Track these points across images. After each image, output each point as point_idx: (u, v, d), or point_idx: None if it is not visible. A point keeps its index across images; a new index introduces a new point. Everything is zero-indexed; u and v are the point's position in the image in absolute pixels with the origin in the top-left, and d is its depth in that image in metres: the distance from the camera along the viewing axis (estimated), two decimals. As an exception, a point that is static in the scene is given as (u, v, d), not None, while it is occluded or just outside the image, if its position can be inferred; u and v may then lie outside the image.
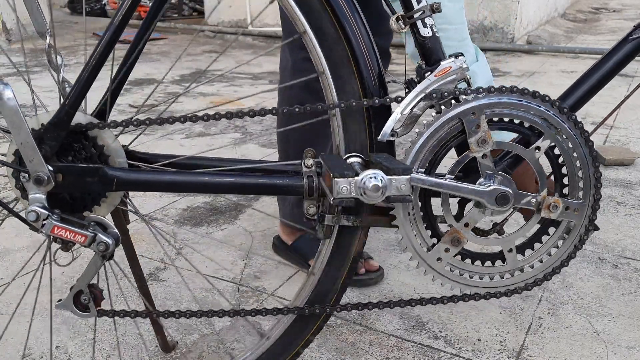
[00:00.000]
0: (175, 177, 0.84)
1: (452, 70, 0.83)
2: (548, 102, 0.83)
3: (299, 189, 0.83)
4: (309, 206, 0.85)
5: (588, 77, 0.89)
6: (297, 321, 0.95)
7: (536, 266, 0.91)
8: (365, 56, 0.83)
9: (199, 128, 2.78)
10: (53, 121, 0.79)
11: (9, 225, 1.77)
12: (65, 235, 0.80)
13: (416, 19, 0.84)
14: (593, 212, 0.88)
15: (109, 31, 0.79)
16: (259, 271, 1.52)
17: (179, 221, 1.82)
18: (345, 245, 0.91)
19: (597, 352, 1.19)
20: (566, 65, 4.20)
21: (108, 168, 0.81)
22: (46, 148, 0.79)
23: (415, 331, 1.26)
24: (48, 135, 0.79)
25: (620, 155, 2.26)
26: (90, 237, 0.81)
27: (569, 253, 0.90)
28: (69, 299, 0.86)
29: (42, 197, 0.79)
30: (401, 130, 0.83)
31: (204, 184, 0.84)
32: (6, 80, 0.78)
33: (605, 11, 7.72)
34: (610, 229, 1.72)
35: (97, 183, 0.80)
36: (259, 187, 0.85)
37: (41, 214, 0.79)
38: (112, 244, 0.82)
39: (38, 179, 0.78)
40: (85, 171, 0.80)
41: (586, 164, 0.85)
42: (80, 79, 0.80)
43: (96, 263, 0.84)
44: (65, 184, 0.80)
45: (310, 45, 0.83)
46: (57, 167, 0.80)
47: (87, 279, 0.86)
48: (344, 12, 0.82)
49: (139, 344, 1.22)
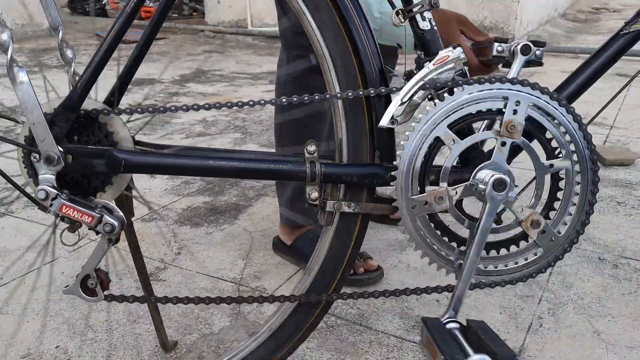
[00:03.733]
0: (181, 161, 0.86)
1: (450, 59, 0.85)
2: (578, 122, 0.84)
3: (301, 174, 0.85)
4: (310, 191, 0.87)
5: (580, 72, 0.91)
6: (296, 312, 0.96)
7: (499, 267, 0.91)
8: (367, 49, 0.85)
9: (199, 128, 2.78)
10: (64, 104, 0.82)
11: (9, 225, 1.77)
12: (73, 214, 0.82)
13: (415, 12, 0.87)
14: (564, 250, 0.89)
15: (121, 17, 0.81)
16: (259, 271, 1.52)
17: (179, 221, 1.81)
18: (346, 232, 0.92)
19: (597, 352, 1.19)
20: (566, 65, 4.20)
21: (116, 150, 0.83)
22: (57, 130, 0.82)
23: (415, 331, 1.26)
24: (59, 117, 0.82)
25: (620, 156, 2.26)
26: (97, 217, 0.83)
27: (529, 272, 0.91)
28: (76, 283, 0.87)
29: (51, 177, 0.82)
30: (401, 118, 0.84)
31: (209, 168, 0.86)
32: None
33: (605, 11, 7.72)
34: (610, 229, 1.72)
35: (105, 165, 0.83)
36: (262, 172, 0.87)
37: (50, 192, 0.81)
38: (117, 226, 0.83)
39: (49, 158, 0.81)
40: (94, 153, 0.83)
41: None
42: (92, 63, 0.82)
43: (103, 247, 0.86)
44: (74, 165, 0.83)
45: (314, 39, 0.85)
46: (67, 149, 0.82)
47: (93, 263, 0.87)
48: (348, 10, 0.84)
49: (139, 344, 1.22)
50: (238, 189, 2.06)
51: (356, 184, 0.88)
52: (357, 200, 0.89)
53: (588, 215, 0.87)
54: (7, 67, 0.79)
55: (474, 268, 0.85)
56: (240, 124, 2.84)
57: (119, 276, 1.48)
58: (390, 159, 0.88)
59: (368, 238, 1.69)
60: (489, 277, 0.91)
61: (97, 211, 0.83)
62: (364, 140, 0.88)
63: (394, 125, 0.84)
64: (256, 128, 2.79)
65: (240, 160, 0.87)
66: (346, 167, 0.88)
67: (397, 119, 0.84)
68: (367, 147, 0.88)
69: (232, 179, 2.07)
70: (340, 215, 0.91)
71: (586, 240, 1.65)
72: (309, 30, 0.85)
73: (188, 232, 1.75)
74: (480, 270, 0.91)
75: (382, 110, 0.85)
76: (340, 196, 0.89)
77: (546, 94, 0.83)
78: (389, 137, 0.88)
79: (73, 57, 0.89)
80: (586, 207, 0.87)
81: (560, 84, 0.92)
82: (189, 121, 2.87)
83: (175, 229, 1.76)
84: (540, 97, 0.83)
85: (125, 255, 1.55)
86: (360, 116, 0.87)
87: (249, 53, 5.01)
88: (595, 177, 0.86)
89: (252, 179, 2.04)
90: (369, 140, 0.88)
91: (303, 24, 0.86)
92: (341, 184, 0.89)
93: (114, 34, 0.82)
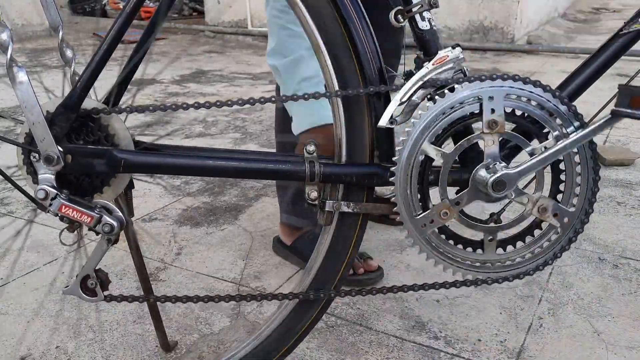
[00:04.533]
0: (181, 160, 0.86)
1: (449, 59, 0.85)
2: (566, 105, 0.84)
3: (301, 174, 0.85)
4: (310, 191, 0.87)
5: (580, 72, 0.91)
6: (296, 310, 0.96)
7: (513, 263, 0.91)
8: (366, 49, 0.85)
9: (199, 128, 2.78)
10: (64, 103, 0.82)
11: (8, 225, 1.77)
12: (72, 214, 0.82)
13: (414, 12, 0.86)
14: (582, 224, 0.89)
15: (120, 17, 0.81)
16: (259, 271, 1.52)
17: (179, 221, 1.81)
18: (345, 232, 0.92)
19: (597, 353, 1.19)
20: (566, 65, 4.20)
21: (116, 150, 0.83)
22: (57, 129, 0.81)
23: (415, 331, 1.26)
24: (59, 117, 0.82)
25: (620, 156, 2.26)
26: (96, 218, 0.83)
27: (547, 259, 0.91)
28: (75, 283, 0.88)
29: (51, 177, 0.82)
30: (400, 117, 0.84)
31: (209, 168, 0.86)
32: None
33: (605, 11, 7.72)
34: (610, 229, 1.72)
35: (105, 165, 0.82)
36: (262, 171, 0.87)
37: (50, 192, 0.81)
38: (117, 227, 0.83)
39: (48, 158, 0.81)
40: (93, 153, 0.83)
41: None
42: (91, 63, 0.82)
43: (102, 247, 0.86)
44: (74, 165, 0.82)
45: (314, 42, 0.85)
46: (66, 148, 0.82)
47: (93, 263, 0.87)
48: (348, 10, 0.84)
49: (139, 344, 1.22)
50: (238, 189, 2.06)
51: (355, 184, 0.88)
52: (356, 200, 0.89)
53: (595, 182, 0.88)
54: (7, 67, 0.79)
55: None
56: (240, 124, 2.85)
57: (118, 276, 1.48)
58: (389, 159, 0.88)
59: (368, 238, 1.69)
60: (519, 269, 0.92)
61: (96, 211, 0.83)
62: (363, 140, 0.88)
63: (393, 125, 0.84)
64: (256, 128, 2.79)
65: (240, 160, 0.87)
66: (345, 167, 0.88)
67: (396, 119, 0.84)
68: (366, 146, 0.88)
69: (232, 179, 2.07)
70: (339, 215, 0.91)
71: (586, 240, 1.65)
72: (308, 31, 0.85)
73: (188, 232, 1.75)
74: (510, 264, 0.91)
75: (381, 109, 0.85)
76: (339, 196, 0.89)
77: (518, 81, 0.83)
78: (388, 136, 0.88)
79: (73, 57, 0.89)
80: (591, 174, 0.87)
81: (560, 84, 0.92)
82: (189, 121, 2.87)
83: (175, 229, 1.76)
84: (512, 86, 0.83)
85: (125, 255, 1.55)
86: (359, 116, 0.87)
87: (249, 53, 5.01)
88: (588, 135, 0.86)
89: (251, 179, 2.04)
90: (368, 140, 0.88)
91: (302, 24, 0.85)
92: (340, 184, 0.89)
93: (114, 34, 0.81)
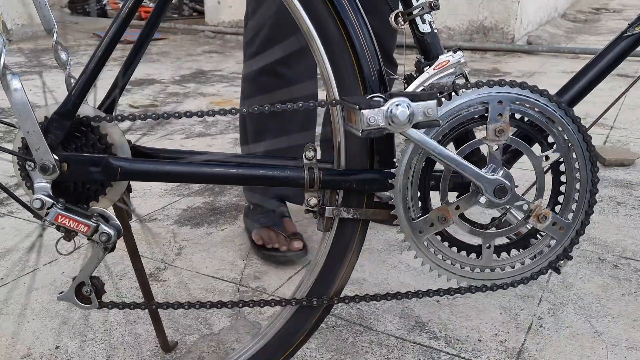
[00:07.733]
0: (178, 168, 0.85)
1: (450, 63, 0.84)
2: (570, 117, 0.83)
3: (300, 180, 0.84)
4: (309, 198, 0.86)
5: (583, 75, 0.91)
6: (296, 315, 0.95)
7: (506, 270, 0.91)
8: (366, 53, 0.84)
9: (199, 128, 2.78)
10: (59, 111, 0.81)
11: (8, 226, 1.77)
12: (69, 224, 0.81)
13: (415, 15, 0.86)
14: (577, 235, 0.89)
15: (115, 22, 0.81)
16: (259, 271, 1.52)
17: (179, 221, 1.81)
18: (345, 238, 0.91)
19: (598, 353, 1.19)
20: (566, 65, 4.20)
21: (112, 158, 0.83)
22: (52, 137, 0.81)
23: (415, 331, 1.26)
24: (54, 125, 0.81)
25: (620, 156, 2.26)
26: (93, 227, 0.82)
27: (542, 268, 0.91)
28: (70, 290, 0.87)
29: (47, 186, 0.81)
30: None
31: (207, 175, 0.85)
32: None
33: (605, 11, 7.72)
34: (610, 229, 1.72)
35: (101, 173, 0.82)
36: (261, 178, 0.86)
37: (46, 202, 0.80)
38: (114, 235, 0.83)
39: (44, 167, 0.80)
40: (90, 161, 0.82)
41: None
42: (87, 70, 0.81)
43: (98, 255, 0.85)
44: (70, 173, 0.81)
45: (314, 46, 0.84)
46: (62, 157, 0.81)
47: (89, 270, 0.86)
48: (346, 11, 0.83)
49: (139, 344, 1.22)
50: (238, 189, 2.06)
51: (355, 190, 0.87)
52: (356, 206, 0.88)
53: (592, 195, 0.87)
54: (0, 75, 0.77)
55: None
56: (240, 124, 2.84)
57: (119, 276, 1.48)
58: (389, 165, 0.87)
59: (368, 238, 1.68)
60: (515, 276, 0.93)
61: (93, 220, 0.82)
62: (363, 145, 0.87)
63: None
64: (256, 128, 2.79)
65: (238, 166, 0.86)
66: (345, 173, 0.87)
67: None
68: (366, 152, 0.87)
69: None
70: (339, 221, 0.90)
71: (586, 240, 1.65)
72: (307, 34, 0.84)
73: (188, 232, 1.75)
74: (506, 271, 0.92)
75: None
76: (339, 202, 0.88)
77: (526, 89, 0.83)
78: (388, 142, 0.87)
79: (68, 59, 0.88)
80: (589, 186, 0.87)
81: (562, 87, 0.91)
82: (189, 122, 2.87)
83: (175, 229, 1.76)
84: (520, 93, 0.83)
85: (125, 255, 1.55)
86: None
87: (249, 53, 5.01)
88: (589, 148, 0.85)
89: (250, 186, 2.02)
90: (368, 146, 0.87)
91: (300, 26, 0.84)
92: (340, 190, 0.88)
93: (110, 37, 0.80)
